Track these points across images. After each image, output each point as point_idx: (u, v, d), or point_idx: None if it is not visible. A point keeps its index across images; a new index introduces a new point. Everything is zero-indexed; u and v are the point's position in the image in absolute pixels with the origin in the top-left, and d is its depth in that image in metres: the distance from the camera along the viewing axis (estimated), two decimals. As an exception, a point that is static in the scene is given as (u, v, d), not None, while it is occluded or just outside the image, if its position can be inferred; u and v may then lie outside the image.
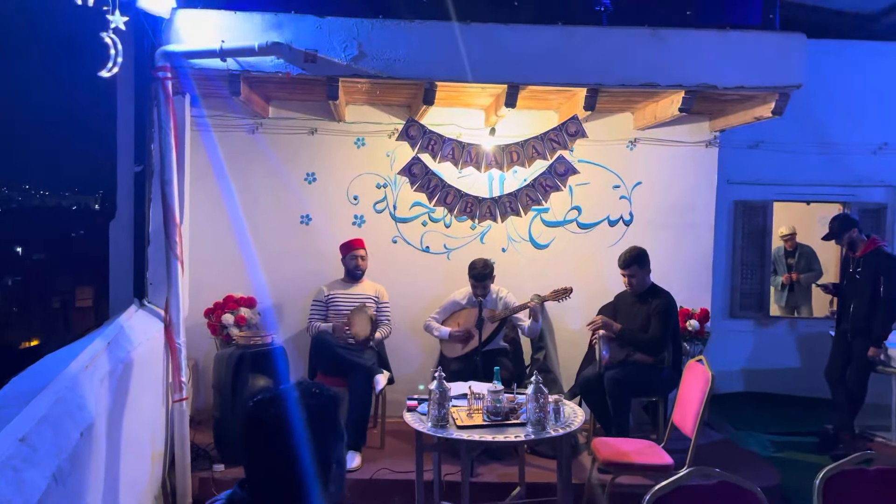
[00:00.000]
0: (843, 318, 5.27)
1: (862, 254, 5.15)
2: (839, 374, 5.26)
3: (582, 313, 5.24)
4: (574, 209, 5.52)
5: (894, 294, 4.96)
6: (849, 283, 5.24)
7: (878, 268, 5.02)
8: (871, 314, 5.02)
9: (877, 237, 5.30)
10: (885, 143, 6.55)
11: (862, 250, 5.15)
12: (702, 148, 5.56)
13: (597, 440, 4.09)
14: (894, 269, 5.02)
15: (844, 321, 5.25)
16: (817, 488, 2.33)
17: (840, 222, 5.27)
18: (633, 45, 4.49)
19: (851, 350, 5.16)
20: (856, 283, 5.15)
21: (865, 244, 5.15)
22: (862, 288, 5.07)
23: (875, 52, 6.49)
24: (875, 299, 5.01)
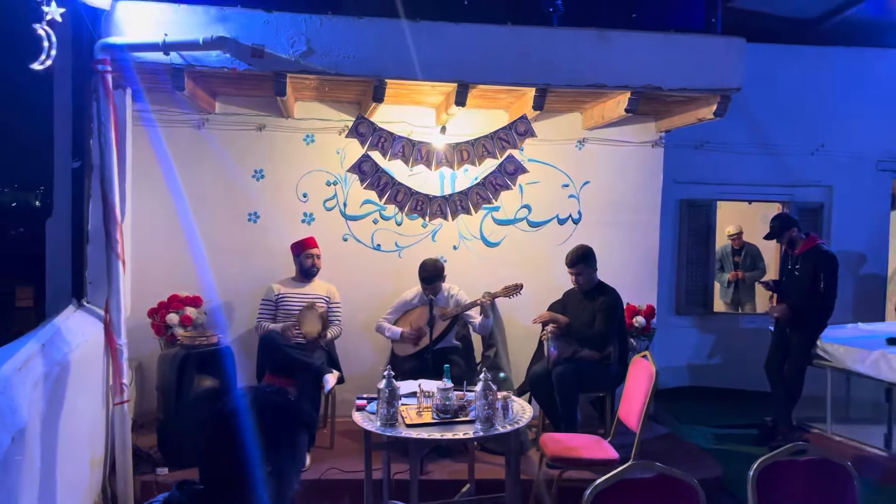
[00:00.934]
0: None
1: (801, 251, 5.33)
2: (778, 368, 5.44)
3: (532, 310, 5.28)
4: (524, 208, 5.57)
5: (832, 289, 5.16)
6: (788, 280, 5.42)
7: (817, 264, 5.21)
8: (809, 309, 5.20)
9: (815, 235, 5.51)
10: (822, 144, 6.79)
11: (801, 248, 5.33)
12: (648, 148, 5.67)
13: (545, 436, 4.14)
14: (832, 265, 5.22)
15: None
16: (751, 479, 2.41)
17: (781, 221, 5.45)
18: (581, 47, 4.55)
19: (789, 344, 5.33)
20: (795, 279, 5.33)
21: (804, 242, 5.34)
22: (801, 284, 5.26)
23: (813, 56, 6.73)
24: (813, 295, 5.19)
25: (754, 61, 6.12)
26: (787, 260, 5.51)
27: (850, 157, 6.80)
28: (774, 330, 5.54)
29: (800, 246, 5.34)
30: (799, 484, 2.47)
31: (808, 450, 2.56)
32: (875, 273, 6.96)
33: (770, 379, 5.54)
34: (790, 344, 5.32)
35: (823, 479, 2.51)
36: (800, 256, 5.33)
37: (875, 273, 6.96)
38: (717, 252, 7.33)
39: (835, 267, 5.23)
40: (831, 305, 5.26)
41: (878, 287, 6.98)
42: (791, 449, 2.50)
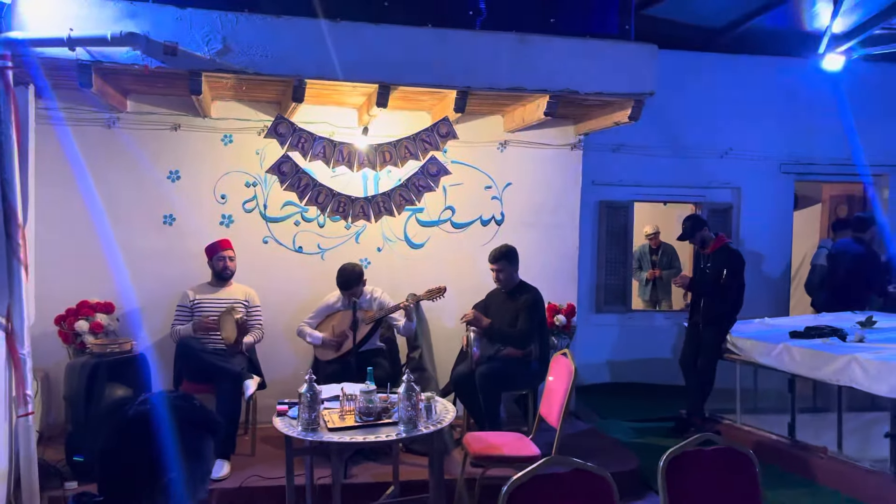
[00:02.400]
0: (695, 310, 5.68)
1: (711, 251, 5.58)
2: (691, 362, 5.67)
3: (457, 311, 5.32)
4: (448, 209, 5.61)
5: (736, 286, 5.43)
6: (699, 278, 5.66)
7: (725, 263, 5.47)
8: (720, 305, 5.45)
9: (724, 235, 5.77)
10: (731, 147, 7.12)
11: (711, 247, 5.58)
12: (567, 150, 5.80)
13: (468, 435, 4.17)
14: (737, 263, 5.49)
15: (696, 313, 5.66)
16: (661, 469, 2.50)
17: (692, 223, 5.69)
18: (501, 50, 4.62)
19: (702, 340, 5.57)
20: (706, 277, 5.57)
21: (714, 242, 5.58)
22: (712, 282, 5.50)
23: (721, 63, 7.05)
24: (724, 292, 5.44)
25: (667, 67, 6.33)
26: (699, 259, 5.75)
27: (756, 159, 7.16)
28: (688, 326, 5.77)
29: (710, 245, 5.58)
30: (706, 472, 2.58)
31: (715, 440, 2.68)
32: (780, 270, 7.34)
33: (684, 373, 5.77)
34: (703, 339, 5.55)
35: (728, 467, 2.63)
36: (710, 256, 5.58)
37: (780, 270, 7.34)
38: (635, 251, 7.58)
39: (739, 265, 5.50)
40: (738, 301, 5.53)
41: (783, 283, 7.37)
42: (698, 439, 2.61)
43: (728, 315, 5.52)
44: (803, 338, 5.07)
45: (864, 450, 4.76)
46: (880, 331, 5.23)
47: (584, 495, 2.32)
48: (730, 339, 5.49)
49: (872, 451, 4.66)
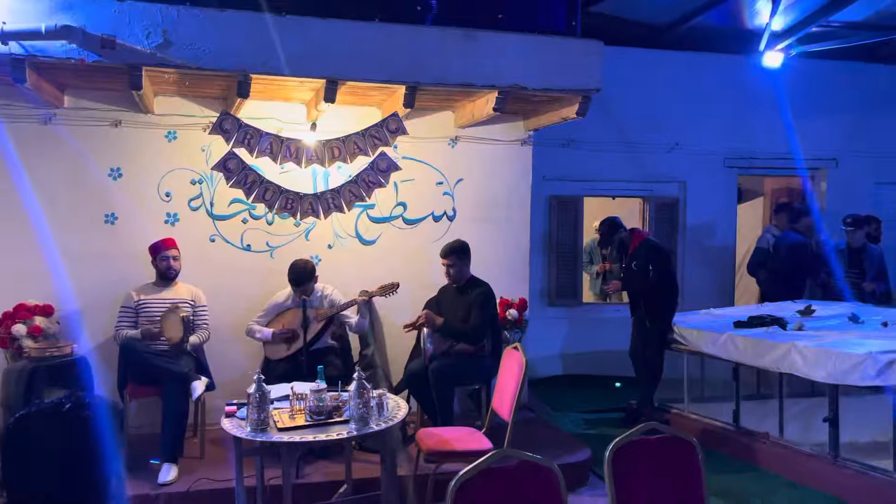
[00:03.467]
0: (636, 305, 5.80)
1: (633, 250, 5.71)
2: (640, 354, 5.78)
3: (409, 308, 5.31)
4: (399, 205, 5.58)
5: (664, 278, 5.63)
6: (629, 277, 5.79)
7: (648, 258, 5.63)
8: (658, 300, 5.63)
9: (639, 229, 5.94)
10: (677, 143, 7.27)
11: (632, 246, 5.72)
12: (517, 146, 5.84)
13: (421, 431, 4.17)
14: (661, 255, 5.70)
15: (638, 308, 5.78)
16: (607, 459, 2.54)
17: (607, 227, 5.87)
18: (450, 46, 4.62)
19: (648, 333, 5.68)
20: (635, 275, 5.71)
21: (633, 239, 5.73)
22: (641, 278, 5.64)
23: (667, 60, 7.18)
24: (657, 287, 5.61)
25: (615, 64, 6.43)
26: (622, 258, 5.87)
27: (701, 154, 7.33)
28: (634, 319, 5.88)
29: (630, 245, 5.74)
30: (651, 460, 2.63)
31: (660, 429, 2.74)
32: (725, 261, 7.54)
33: (634, 364, 5.88)
34: (650, 332, 5.67)
35: (673, 455, 2.68)
36: (633, 253, 5.71)
37: (725, 261, 7.54)
38: (585, 246, 7.68)
39: (663, 257, 5.70)
40: (673, 291, 5.70)
41: (728, 274, 7.57)
42: (644, 428, 2.65)
43: (669, 306, 5.66)
44: (746, 327, 5.21)
45: (804, 434, 4.92)
46: (819, 319, 5.41)
47: (531, 487, 2.34)
48: (677, 329, 5.61)
49: (812, 435, 4.82)
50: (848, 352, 4.28)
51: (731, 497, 4.32)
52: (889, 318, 5.26)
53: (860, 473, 4.25)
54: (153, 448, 4.29)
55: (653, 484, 2.62)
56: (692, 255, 7.43)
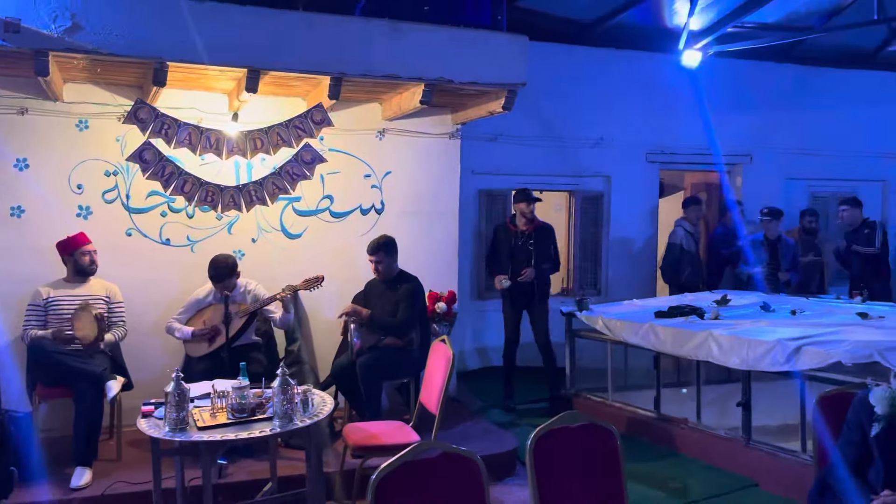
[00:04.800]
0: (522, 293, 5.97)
1: (533, 227, 5.96)
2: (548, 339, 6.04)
3: (336, 302, 5.25)
4: (326, 198, 5.50)
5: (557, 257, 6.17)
6: (523, 254, 5.91)
7: (548, 236, 6.03)
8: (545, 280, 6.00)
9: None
10: (602, 137, 7.43)
11: (533, 225, 5.96)
12: (446, 139, 5.85)
13: (348, 426, 4.13)
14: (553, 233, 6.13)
15: (523, 296, 5.97)
16: (529, 448, 2.57)
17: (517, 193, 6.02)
18: (375, 37, 4.58)
19: (539, 318, 5.99)
20: (529, 252, 5.93)
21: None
22: (543, 256, 5.95)
23: (592, 56, 7.32)
24: (550, 260, 6.00)
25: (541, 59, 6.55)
26: (515, 239, 5.95)
27: (624, 149, 7.51)
28: (511, 312, 6.02)
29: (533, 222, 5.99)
30: (571, 448, 2.68)
31: (580, 416, 2.79)
32: (647, 253, 7.76)
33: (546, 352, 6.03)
34: (539, 318, 5.98)
35: (593, 442, 2.75)
36: (532, 232, 5.94)
37: (647, 253, 7.76)
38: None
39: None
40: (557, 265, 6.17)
41: (651, 266, 7.79)
42: (563, 417, 2.70)
43: (548, 285, 6.05)
44: (666, 317, 5.38)
45: (720, 419, 5.13)
46: (734, 308, 5.64)
47: (453, 478, 2.35)
48: (601, 320, 5.74)
49: (727, 419, 5.02)
50: (759, 339, 4.47)
51: (651, 481, 4.46)
52: (797, 307, 5.53)
53: (770, 455, 4.45)
54: (65, 452, 4.10)
55: (572, 470, 2.67)
56: (616, 248, 7.62)
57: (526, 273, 5.88)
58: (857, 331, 4.58)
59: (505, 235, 6.03)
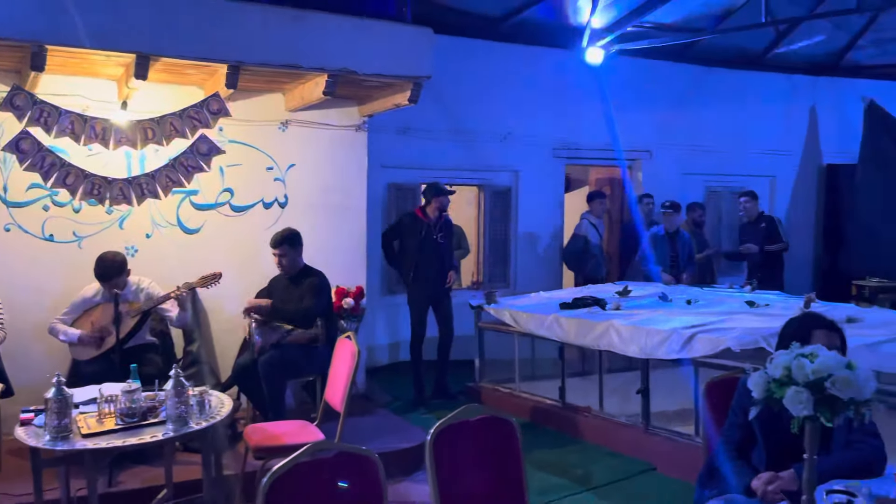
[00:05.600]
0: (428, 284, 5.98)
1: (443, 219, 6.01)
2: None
3: (239, 299, 5.06)
4: (226, 191, 5.30)
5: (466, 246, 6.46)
6: (433, 248, 5.92)
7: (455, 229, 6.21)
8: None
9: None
10: (510, 132, 7.52)
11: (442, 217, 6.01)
12: (352, 132, 5.75)
13: (249, 427, 4.01)
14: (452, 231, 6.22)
15: (429, 287, 5.97)
16: (428, 443, 2.54)
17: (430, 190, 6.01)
18: (275, 24, 4.44)
19: (446, 310, 6.03)
20: (441, 248, 5.98)
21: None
22: (448, 247, 6.06)
23: (498, 51, 7.38)
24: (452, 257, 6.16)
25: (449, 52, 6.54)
26: (426, 230, 5.92)
27: (531, 144, 7.63)
28: (420, 305, 6.01)
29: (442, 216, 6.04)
30: (471, 441, 2.68)
31: (480, 409, 2.79)
32: (554, 247, 7.92)
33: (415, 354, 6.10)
34: (446, 310, 6.03)
35: (493, 435, 2.75)
36: (442, 225, 5.98)
37: (554, 247, 7.92)
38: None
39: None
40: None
41: (557, 259, 7.96)
42: (463, 412, 2.69)
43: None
44: (571, 308, 5.50)
45: (622, 406, 5.29)
46: (634, 299, 5.83)
47: (349, 478, 2.29)
48: (509, 313, 5.80)
49: (628, 407, 5.18)
50: (656, 328, 4.64)
51: (555, 470, 4.55)
52: (692, 297, 5.77)
53: (667, 439, 4.63)
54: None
55: (473, 464, 2.66)
56: (524, 242, 7.74)
57: (451, 278, 6.07)
58: (745, 318, 4.83)
59: (414, 225, 5.94)
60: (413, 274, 5.92)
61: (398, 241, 6.01)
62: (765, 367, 2.03)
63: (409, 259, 5.93)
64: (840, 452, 2.51)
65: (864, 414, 1.93)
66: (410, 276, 5.93)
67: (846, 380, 1.85)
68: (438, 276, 5.96)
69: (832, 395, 1.86)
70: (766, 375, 1.97)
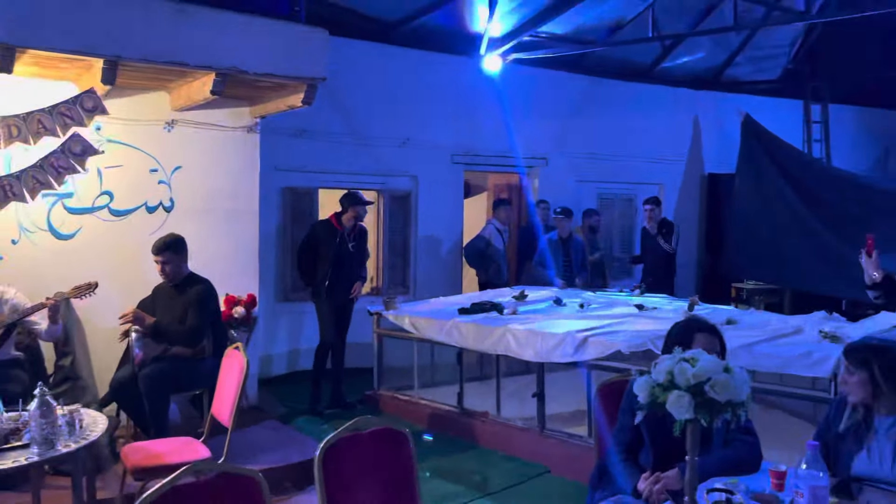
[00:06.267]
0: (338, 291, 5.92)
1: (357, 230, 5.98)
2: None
3: (119, 310, 4.70)
4: (105, 194, 4.96)
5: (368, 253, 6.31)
6: (346, 257, 5.86)
7: (366, 238, 6.09)
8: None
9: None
10: (409, 137, 7.48)
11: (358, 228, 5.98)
12: (243, 133, 5.52)
13: (127, 447, 3.76)
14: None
15: (340, 294, 5.91)
16: (317, 458, 2.44)
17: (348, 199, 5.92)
18: (158, 18, 4.20)
19: (347, 317, 6.00)
20: (354, 257, 5.93)
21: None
22: (358, 257, 6.00)
23: (398, 55, 7.35)
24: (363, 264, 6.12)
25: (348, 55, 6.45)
26: (340, 239, 5.87)
27: (430, 150, 7.63)
28: (329, 313, 5.93)
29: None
30: (363, 455, 2.59)
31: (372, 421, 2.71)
32: (454, 252, 7.95)
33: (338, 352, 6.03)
34: (347, 317, 6.02)
35: (385, 447, 2.67)
36: (354, 235, 5.93)
37: (454, 252, 7.95)
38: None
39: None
40: None
41: (457, 264, 7.99)
42: (353, 424, 2.61)
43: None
44: (469, 314, 5.51)
45: (519, 410, 5.34)
46: (530, 303, 5.92)
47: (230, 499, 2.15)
48: (408, 319, 5.75)
49: (525, 410, 5.24)
50: (551, 332, 4.72)
51: (453, 477, 4.52)
52: (585, 301, 5.92)
53: (562, 442, 4.71)
54: None
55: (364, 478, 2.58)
56: (424, 247, 7.72)
57: (356, 289, 5.98)
58: (635, 321, 5.00)
59: (329, 234, 5.85)
60: (326, 282, 5.80)
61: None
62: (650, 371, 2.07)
63: (323, 267, 5.80)
64: (720, 451, 2.61)
65: (741, 415, 2.00)
66: (325, 285, 5.81)
67: (724, 383, 1.91)
68: (348, 285, 5.89)
69: (711, 399, 1.92)
70: (651, 380, 2.00)
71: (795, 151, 8.86)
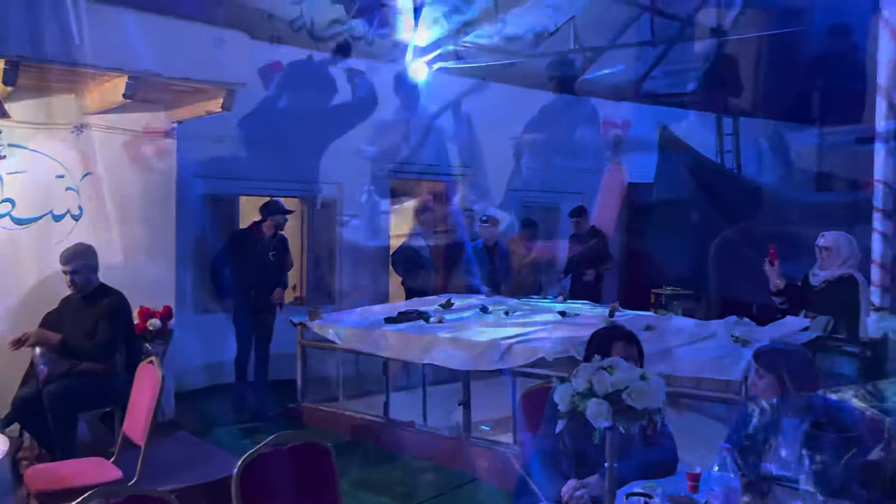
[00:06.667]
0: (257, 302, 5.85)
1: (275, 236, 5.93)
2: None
3: (22, 325, 4.46)
4: (6, 202, 4.69)
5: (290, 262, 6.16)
6: (266, 264, 5.80)
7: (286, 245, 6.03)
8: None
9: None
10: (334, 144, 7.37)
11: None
12: (160, 138, 5.32)
13: (30, 470, 3.56)
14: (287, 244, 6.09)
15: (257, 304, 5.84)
16: (235, 477, 2.36)
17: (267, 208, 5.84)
18: (66, 17, 4.00)
19: (265, 329, 5.92)
20: (271, 264, 5.86)
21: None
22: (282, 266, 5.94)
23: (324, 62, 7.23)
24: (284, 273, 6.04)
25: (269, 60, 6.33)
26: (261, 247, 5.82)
27: (356, 157, 7.54)
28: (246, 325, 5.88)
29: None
30: (283, 471, 2.52)
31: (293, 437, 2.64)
32: (380, 261, 7.88)
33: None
34: (265, 328, 5.89)
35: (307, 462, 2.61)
36: (275, 242, 5.90)
37: (380, 261, 7.88)
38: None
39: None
40: None
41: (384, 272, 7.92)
42: (273, 440, 2.53)
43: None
44: (395, 322, 5.47)
45: (445, 419, 5.32)
46: (456, 311, 5.93)
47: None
48: (333, 329, 5.65)
49: (452, 419, 5.23)
50: (476, 340, 4.74)
51: (379, 488, 4.47)
52: (510, 308, 5.98)
53: (487, 449, 4.72)
54: None
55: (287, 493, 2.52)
56: (349, 255, 7.63)
57: (276, 295, 5.89)
58: (559, 328, 5.07)
59: (250, 242, 5.78)
60: (244, 291, 5.70)
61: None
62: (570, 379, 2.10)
63: (242, 276, 5.67)
64: (638, 455, 2.67)
65: (657, 420, 2.05)
66: (249, 294, 5.72)
67: (641, 390, 1.95)
68: (269, 295, 5.78)
69: (629, 406, 1.95)
70: (571, 388, 2.03)
71: (709, 161, 9.23)
